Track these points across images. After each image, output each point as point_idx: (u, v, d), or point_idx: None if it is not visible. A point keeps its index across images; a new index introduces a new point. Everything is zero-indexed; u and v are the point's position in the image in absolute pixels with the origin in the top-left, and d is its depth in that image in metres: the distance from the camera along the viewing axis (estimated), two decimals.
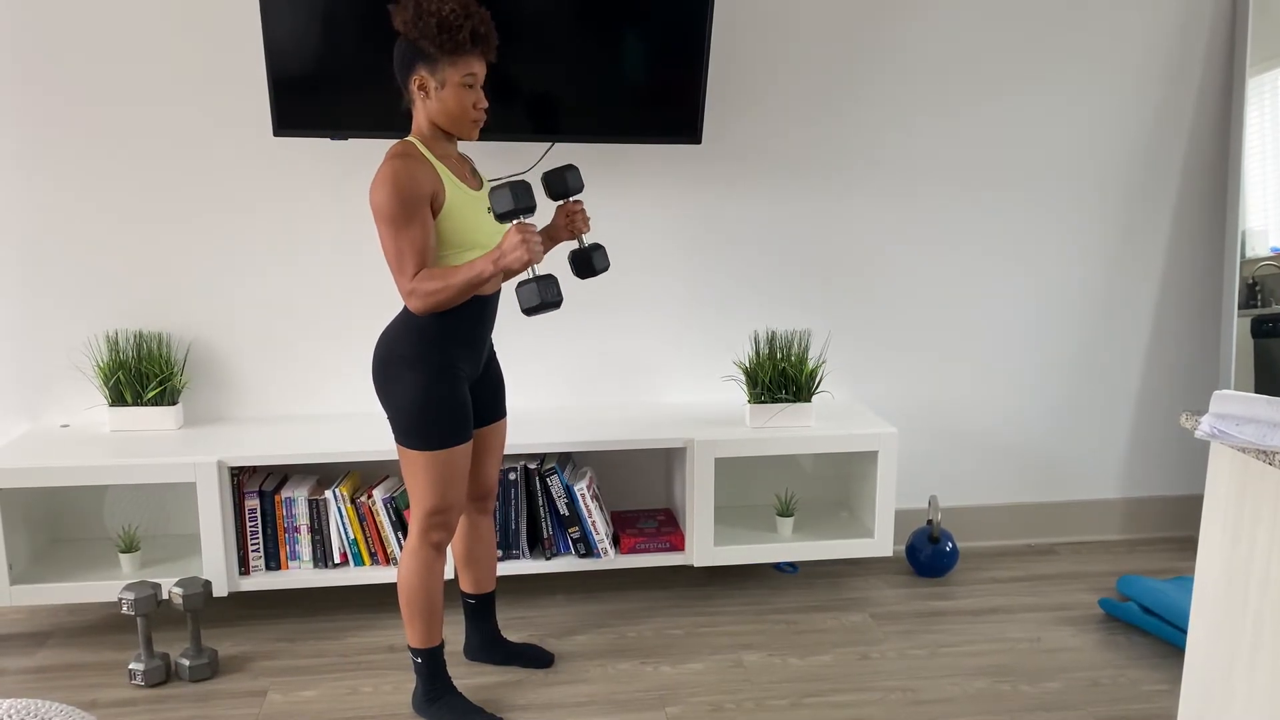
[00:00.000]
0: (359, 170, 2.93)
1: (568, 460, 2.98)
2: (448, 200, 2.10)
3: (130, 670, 2.50)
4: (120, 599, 2.45)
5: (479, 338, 2.24)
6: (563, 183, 2.23)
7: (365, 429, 2.88)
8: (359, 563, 2.77)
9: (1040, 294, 3.28)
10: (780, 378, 2.93)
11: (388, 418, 2.20)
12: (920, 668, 2.61)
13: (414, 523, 2.23)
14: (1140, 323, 3.34)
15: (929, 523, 3.16)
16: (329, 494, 2.74)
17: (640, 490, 3.22)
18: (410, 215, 2.04)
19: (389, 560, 2.78)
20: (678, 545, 2.92)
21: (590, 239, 3.05)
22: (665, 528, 3.01)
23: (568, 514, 2.83)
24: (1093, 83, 3.15)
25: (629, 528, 3.00)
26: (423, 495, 2.19)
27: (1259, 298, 3.18)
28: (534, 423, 2.96)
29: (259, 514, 2.72)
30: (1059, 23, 3.10)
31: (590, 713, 2.40)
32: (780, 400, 2.93)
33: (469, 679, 2.54)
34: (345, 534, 2.75)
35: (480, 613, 2.57)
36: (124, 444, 2.74)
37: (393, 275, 2.09)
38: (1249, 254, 3.19)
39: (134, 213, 2.87)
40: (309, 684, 2.52)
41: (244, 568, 2.73)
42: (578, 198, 2.53)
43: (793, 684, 2.53)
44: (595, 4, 2.69)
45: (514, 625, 2.82)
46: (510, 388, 3.13)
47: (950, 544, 3.14)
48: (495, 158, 2.93)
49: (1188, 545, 3.41)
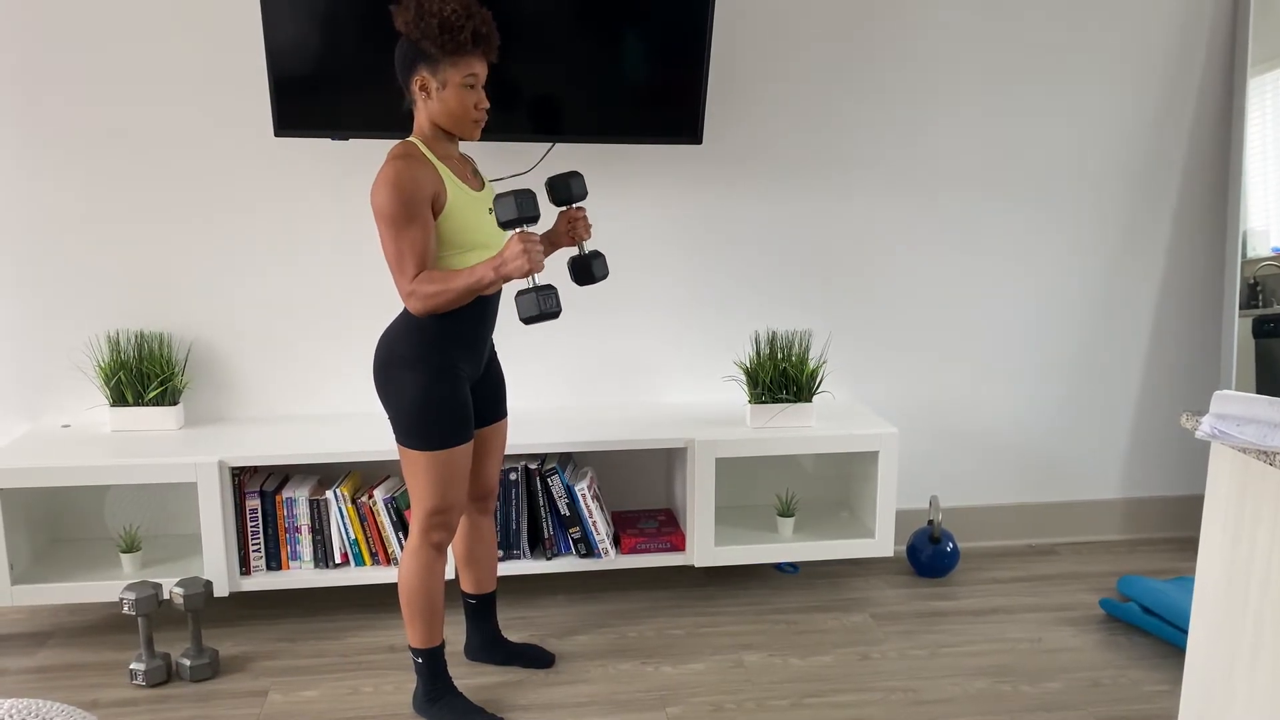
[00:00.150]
0: (360, 170, 2.93)
1: (568, 460, 2.98)
2: (449, 201, 2.10)
3: (131, 670, 2.50)
4: (121, 599, 2.46)
5: (480, 338, 2.24)
6: (567, 189, 2.25)
7: (366, 429, 2.88)
8: (360, 563, 2.77)
9: (1041, 294, 3.28)
10: (781, 378, 2.93)
11: (388, 418, 2.20)
12: (921, 668, 2.61)
13: (415, 523, 2.24)
14: (1141, 323, 3.34)
15: (930, 523, 3.16)
16: (330, 494, 2.74)
17: (641, 490, 3.22)
18: (411, 216, 2.04)
19: (390, 560, 2.78)
20: (678, 545, 2.92)
21: (591, 244, 3.06)
22: (666, 528, 3.01)
23: (568, 514, 2.83)
24: (1093, 83, 3.15)
25: (630, 528, 3.00)
26: (423, 495, 2.20)
27: (1260, 298, 3.18)
28: (535, 423, 2.96)
29: (260, 514, 2.73)
30: (1059, 23, 3.10)
31: (591, 713, 2.40)
32: (781, 400, 2.93)
33: (470, 679, 2.54)
34: (346, 534, 2.75)
35: (481, 613, 2.57)
36: (125, 444, 2.74)
37: (392, 276, 2.10)
38: (1250, 254, 3.19)
39: (135, 213, 2.87)
40: (310, 684, 2.52)
41: (245, 568, 2.73)
42: (580, 204, 2.53)
43: (793, 684, 2.53)
44: (596, 4, 2.69)
45: (515, 625, 2.82)
46: (511, 388, 3.13)
47: (951, 544, 3.14)
48: (496, 158, 2.93)
49: (1188, 545, 3.41)
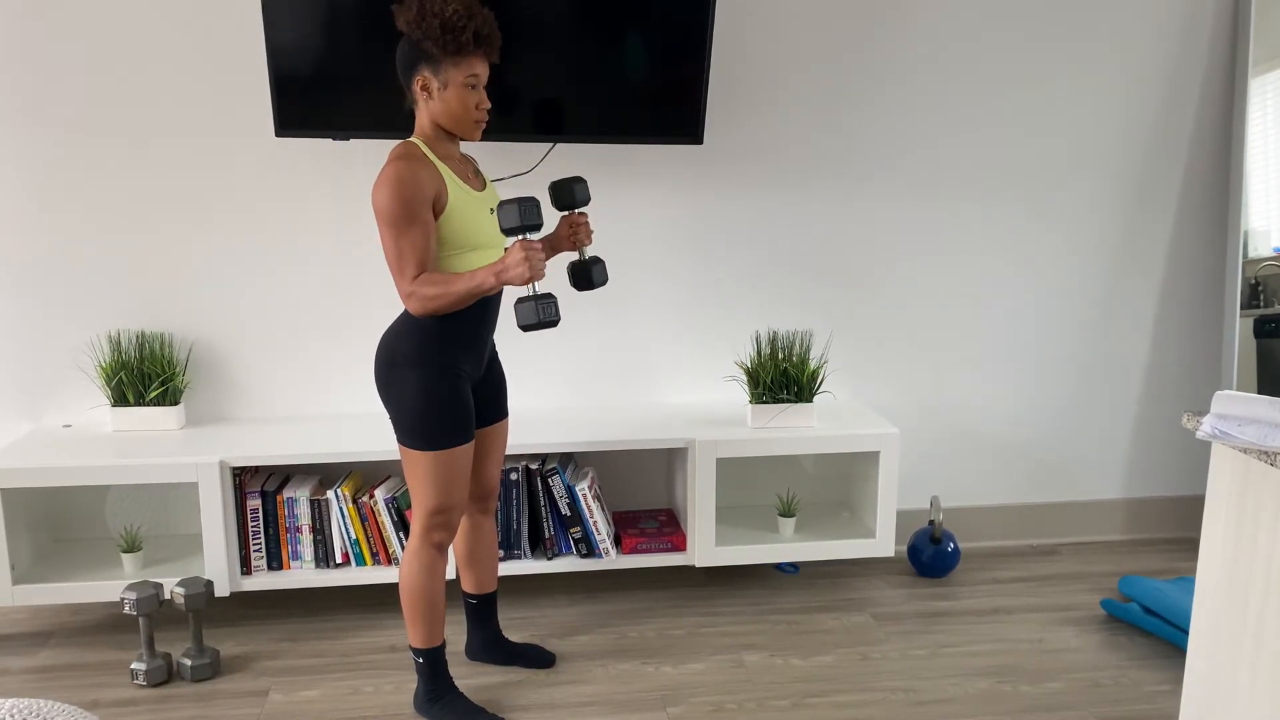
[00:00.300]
0: (360, 171, 2.93)
1: (569, 460, 2.98)
2: (450, 201, 2.10)
3: (132, 670, 2.50)
4: (122, 599, 2.46)
5: (481, 338, 2.24)
6: (570, 194, 2.25)
7: (367, 429, 2.88)
8: (361, 563, 2.78)
9: (1042, 294, 3.28)
10: (782, 378, 2.93)
11: (389, 417, 2.21)
12: (922, 668, 2.61)
13: (416, 523, 2.24)
14: (1142, 323, 3.34)
15: (931, 523, 3.16)
16: (331, 494, 2.74)
17: (642, 490, 3.22)
18: (412, 217, 2.04)
19: (390, 560, 2.78)
20: (679, 545, 2.92)
21: (591, 248, 3.06)
22: (667, 528, 3.01)
23: (569, 514, 2.83)
24: (1094, 84, 3.15)
25: (630, 528, 3.00)
26: (424, 495, 2.20)
27: (1261, 298, 3.18)
28: (535, 423, 2.96)
29: (261, 514, 2.73)
30: (1061, 24, 3.10)
31: (592, 713, 2.40)
32: (782, 400, 2.93)
33: (470, 679, 2.54)
34: (347, 534, 2.75)
35: (482, 613, 2.57)
36: (126, 444, 2.74)
37: (392, 276, 2.10)
38: (1251, 254, 3.19)
39: (136, 213, 2.87)
40: (310, 684, 2.52)
41: (246, 568, 2.73)
42: (583, 210, 2.54)
43: (794, 684, 2.53)
44: (597, 4, 2.69)
45: (515, 625, 2.82)
46: (512, 388, 3.13)
47: (952, 544, 3.13)
48: (497, 158, 2.93)
49: (1189, 546, 3.41)
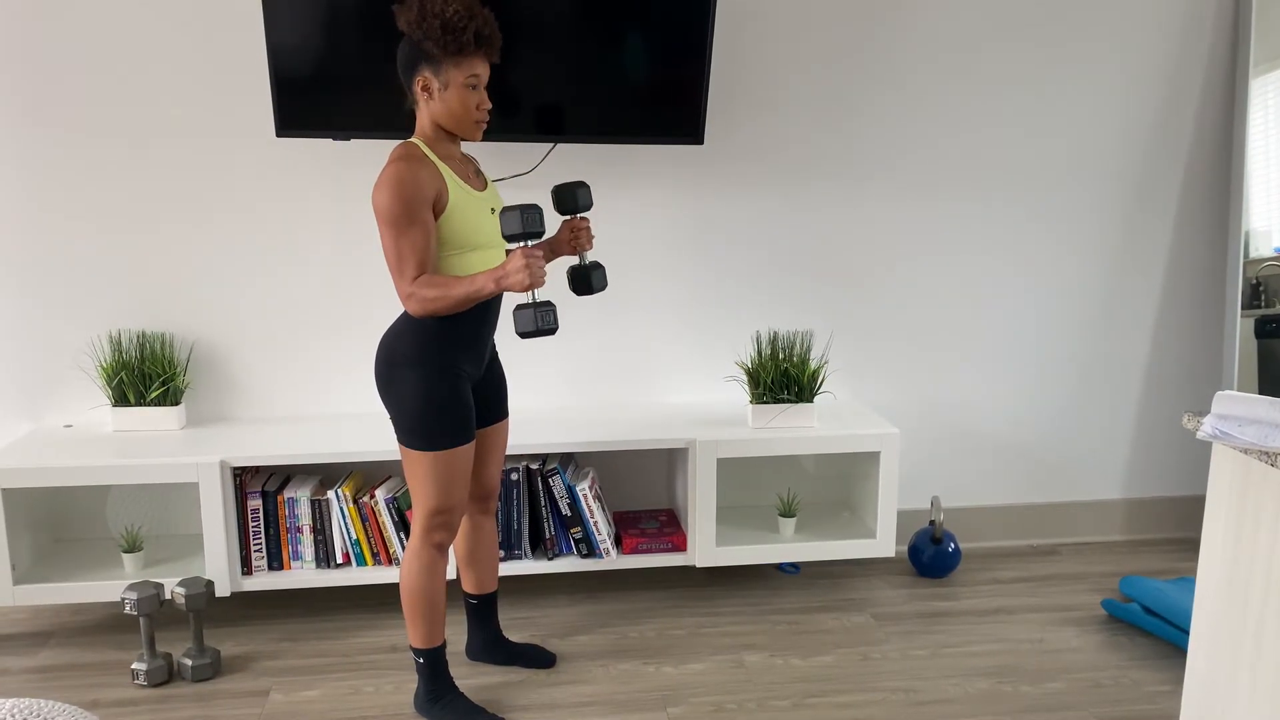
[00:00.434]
0: (360, 171, 2.93)
1: (570, 461, 2.98)
2: (450, 201, 2.10)
3: (133, 670, 2.50)
4: (123, 599, 2.46)
5: (481, 338, 2.24)
6: (573, 199, 2.26)
7: (367, 429, 2.88)
8: (361, 563, 2.78)
9: (1043, 294, 3.28)
10: (782, 378, 2.93)
11: (390, 418, 2.21)
12: (922, 668, 2.61)
13: (416, 523, 2.24)
14: (1143, 323, 3.34)
15: (931, 523, 3.16)
16: (331, 494, 2.74)
17: (642, 490, 3.22)
18: (412, 218, 2.04)
19: (391, 560, 2.78)
20: (680, 546, 2.92)
21: (591, 253, 3.05)
22: (667, 528, 3.01)
23: (570, 514, 2.83)
24: (1094, 84, 3.15)
25: (631, 528, 3.00)
26: (425, 495, 2.20)
27: (1263, 298, 3.18)
28: (536, 423, 2.96)
29: (261, 514, 2.73)
30: (1061, 24, 3.10)
31: (592, 713, 2.40)
32: (782, 400, 2.93)
33: (471, 679, 2.54)
34: (348, 534, 2.75)
35: (482, 613, 2.57)
36: (127, 444, 2.74)
37: (392, 277, 2.10)
38: (1253, 254, 3.18)
39: (137, 213, 2.87)
40: (311, 684, 2.52)
41: (246, 568, 2.73)
42: (585, 215, 2.54)
43: (794, 684, 2.53)
44: (598, 4, 2.69)
45: (516, 625, 2.82)
46: (512, 388, 3.13)
47: (953, 544, 3.13)
48: (498, 158, 2.93)
49: (1190, 546, 3.41)
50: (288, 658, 2.65)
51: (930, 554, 3.12)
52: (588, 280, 2.30)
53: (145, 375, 2.85)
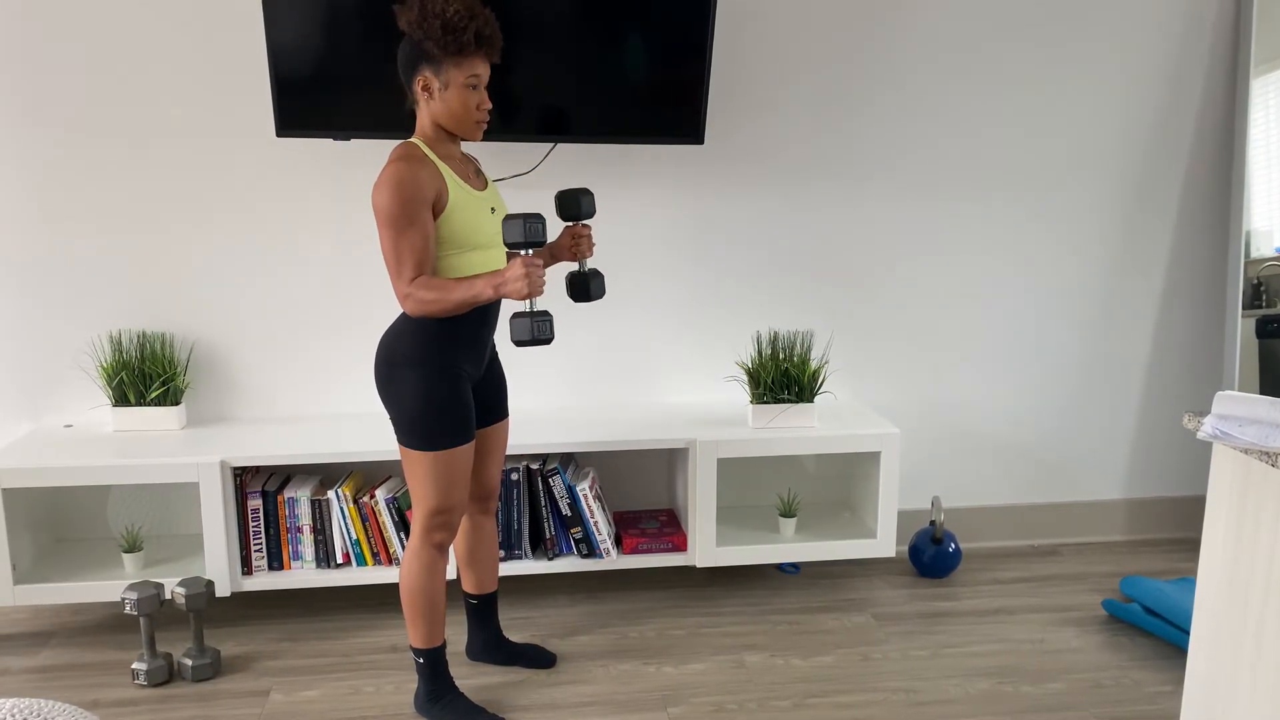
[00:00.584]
0: (360, 171, 2.93)
1: (570, 461, 2.98)
2: (451, 201, 2.10)
3: (133, 670, 2.50)
4: (123, 599, 2.46)
5: (481, 338, 2.24)
6: (576, 205, 2.26)
7: (368, 429, 2.88)
8: (361, 563, 2.78)
9: (1043, 294, 3.28)
10: (783, 378, 2.92)
11: (390, 418, 2.21)
12: (923, 668, 2.61)
13: (416, 523, 2.24)
14: (1144, 323, 3.34)
15: (932, 523, 3.16)
16: (331, 494, 2.74)
17: (642, 490, 3.22)
18: (411, 218, 2.04)
19: (391, 560, 2.78)
20: (680, 546, 2.92)
21: (591, 260, 3.05)
22: (667, 528, 3.01)
23: (570, 514, 2.83)
24: (1096, 84, 3.15)
25: (631, 528, 3.00)
26: (425, 495, 2.20)
27: (1264, 298, 3.17)
28: (536, 423, 2.96)
29: (262, 514, 2.73)
30: (1062, 24, 3.10)
31: (592, 713, 2.40)
32: (783, 401, 2.92)
33: (471, 679, 2.54)
34: (348, 534, 2.75)
35: (482, 613, 2.57)
36: (127, 444, 2.74)
37: (390, 277, 2.10)
38: (1254, 254, 3.18)
39: (137, 213, 2.87)
40: (311, 684, 2.52)
41: (247, 568, 2.73)
42: (586, 222, 2.55)
43: (795, 684, 2.52)
44: (598, 4, 2.69)
45: (516, 625, 2.82)
46: (512, 388, 3.13)
47: (953, 545, 3.13)
48: (498, 158, 2.93)
49: (1191, 546, 3.40)
50: (288, 658, 2.65)
51: (931, 554, 3.12)
52: (586, 288, 2.31)
53: (145, 375, 2.85)
